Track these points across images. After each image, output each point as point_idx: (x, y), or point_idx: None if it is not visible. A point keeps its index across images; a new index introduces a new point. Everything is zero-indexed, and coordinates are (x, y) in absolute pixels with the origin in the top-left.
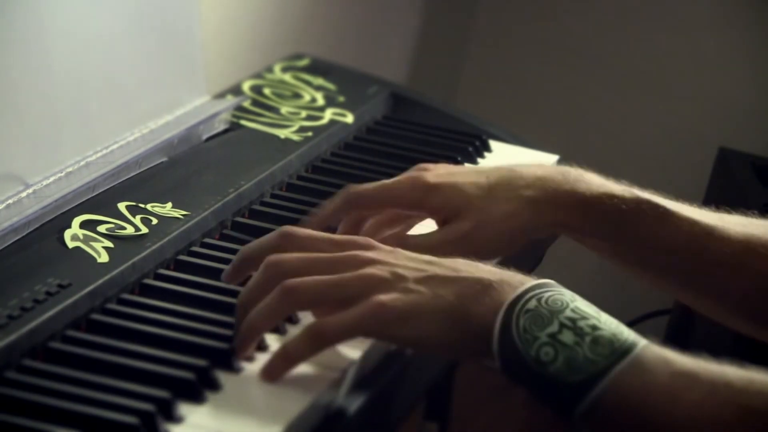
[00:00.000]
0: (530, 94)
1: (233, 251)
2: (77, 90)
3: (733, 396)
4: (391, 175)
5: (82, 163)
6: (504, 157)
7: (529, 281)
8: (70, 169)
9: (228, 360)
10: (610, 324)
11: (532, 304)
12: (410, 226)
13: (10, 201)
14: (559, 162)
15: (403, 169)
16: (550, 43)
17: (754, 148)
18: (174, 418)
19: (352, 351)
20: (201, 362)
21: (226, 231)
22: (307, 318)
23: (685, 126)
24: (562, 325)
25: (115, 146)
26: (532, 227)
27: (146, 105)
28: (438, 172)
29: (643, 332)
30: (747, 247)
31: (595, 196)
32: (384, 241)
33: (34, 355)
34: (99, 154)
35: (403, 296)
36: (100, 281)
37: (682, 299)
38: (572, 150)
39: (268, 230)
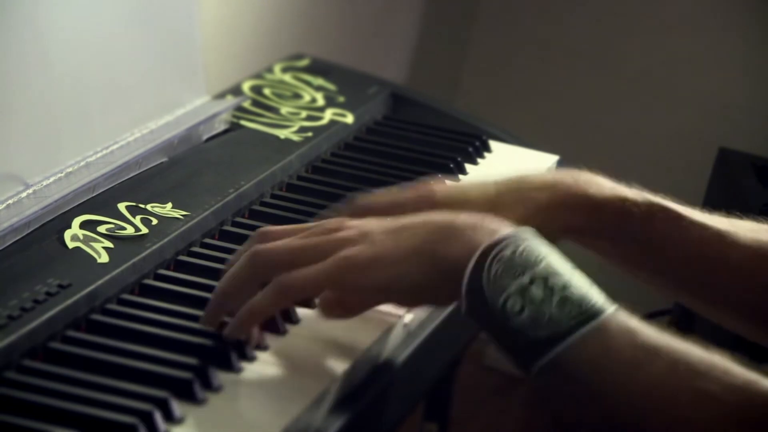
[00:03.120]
0: (530, 94)
1: (233, 251)
2: (77, 90)
3: (692, 378)
4: (391, 175)
5: (82, 163)
6: (504, 157)
7: (507, 228)
8: (70, 170)
9: (228, 360)
10: (581, 285)
11: (507, 252)
12: None
13: (10, 201)
14: (559, 162)
15: (402, 169)
16: (550, 43)
17: (754, 148)
18: (173, 418)
19: (353, 350)
20: (200, 362)
21: (226, 228)
22: (307, 320)
23: (685, 126)
24: (533, 279)
25: (115, 146)
26: (544, 233)
27: (146, 105)
28: (445, 186)
29: None
30: (757, 253)
31: (607, 198)
32: None
33: (34, 356)
34: (99, 155)
35: (367, 247)
36: (100, 281)
37: (689, 304)
38: (572, 150)
39: None
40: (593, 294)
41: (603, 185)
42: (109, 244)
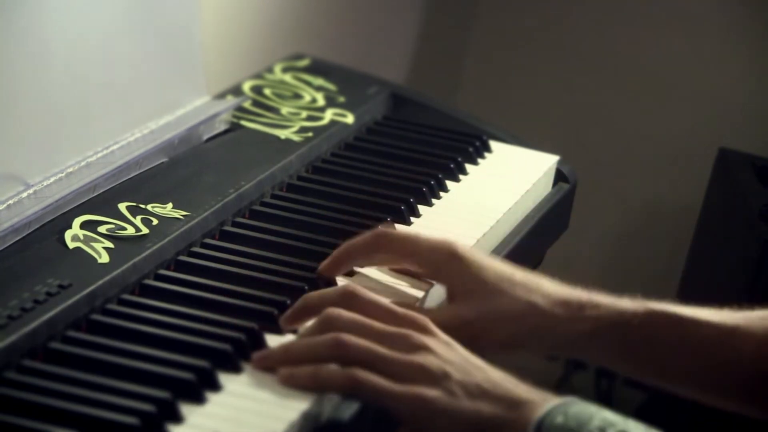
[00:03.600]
0: (530, 94)
1: (233, 251)
2: (77, 90)
3: None
4: (391, 176)
5: (83, 163)
6: (504, 157)
7: (555, 399)
8: (70, 170)
9: (228, 360)
10: (638, 428)
11: (560, 419)
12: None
13: (10, 201)
14: (560, 162)
15: (402, 170)
16: (550, 43)
17: (754, 148)
18: (174, 419)
19: None
20: (201, 363)
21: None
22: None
23: (685, 126)
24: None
25: (115, 147)
26: (546, 340)
27: (146, 105)
28: (466, 248)
29: None
30: None
31: (607, 315)
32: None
33: (34, 356)
34: (99, 155)
35: (444, 396)
36: (101, 282)
37: (699, 399)
38: (572, 150)
39: (269, 230)
40: (652, 431)
41: (601, 306)
42: (110, 244)
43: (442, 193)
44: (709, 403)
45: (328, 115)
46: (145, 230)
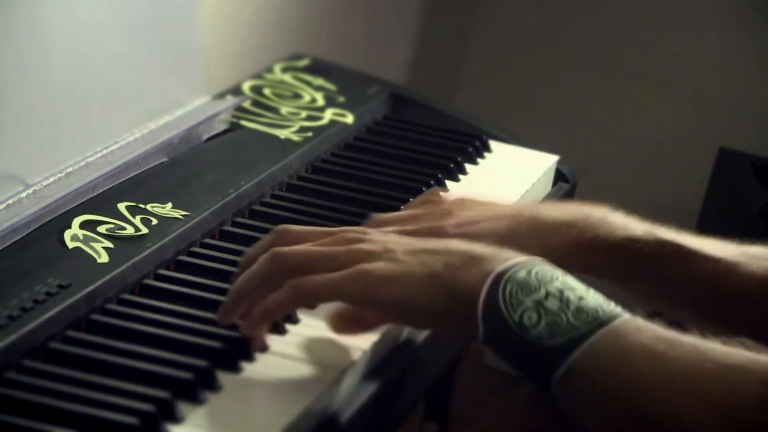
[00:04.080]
0: (530, 94)
1: (233, 251)
2: (77, 90)
3: (717, 358)
4: (391, 176)
5: (82, 163)
6: (504, 157)
7: (521, 256)
8: (70, 170)
9: (228, 360)
10: (597, 297)
11: (522, 273)
12: None
13: (10, 201)
14: (560, 162)
15: (402, 170)
16: (550, 43)
17: (754, 148)
18: (174, 419)
19: (352, 351)
20: (201, 363)
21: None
22: (306, 319)
23: (685, 126)
24: (548, 293)
25: (115, 146)
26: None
27: (146, 105)
28: (459, 221)
29: None
30: None
31: (617, 241)
32: None
33: (34, 356)
34: (99, 155)
35: (388, 264)
36: (100, 281)
37: (704, 329)
38: (572, 150)
39: (269, 230)
40: (610, 304)
41: (614, 226)
42: (109, 244)
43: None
44: (719, 333)
45: (328, 115)
46: (144, 230)
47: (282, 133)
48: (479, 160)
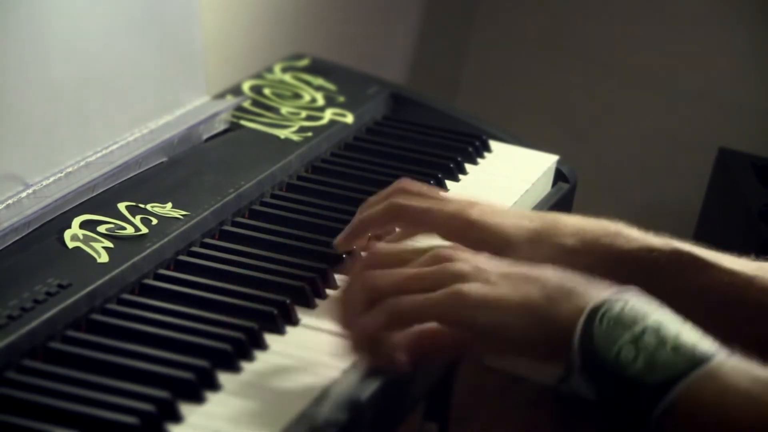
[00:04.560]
0: (530, 94)
1: (233, 251)
2: (77, 90)
3: None
4: (391, 176)
5: (82, 163)
6: (504, 157)
7: (613, 289)
8: (70, 169)
9: (228, 360)
10: (694, 333)
11: (617, 307)
12: None
13: (10, 201)
14: (559, 162)
15: (403, 170)
16: (550, 43)
17: (754, 148)
18: (174, 419)
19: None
20: (201, 362)
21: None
22: (307, 319)
23: (685, 126)
24: (644, 329)
25: (115, 146)
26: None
27: (146, 105)
28: (482, 209)
29: None
30: None
31: (634, 249)
32: None
33: (34, 356)
34: (99, 154)
35: (484, 286)
36: (100, 281)
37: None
38: (572, 150)
39: (269, 230)
40: (707, 340)
41: (631, 236)
42: (109, 244)
43: None
44: (731, 346)
45: (328, 114)
46: (144, 230)
47: (282, 133)
48: (479, 160)
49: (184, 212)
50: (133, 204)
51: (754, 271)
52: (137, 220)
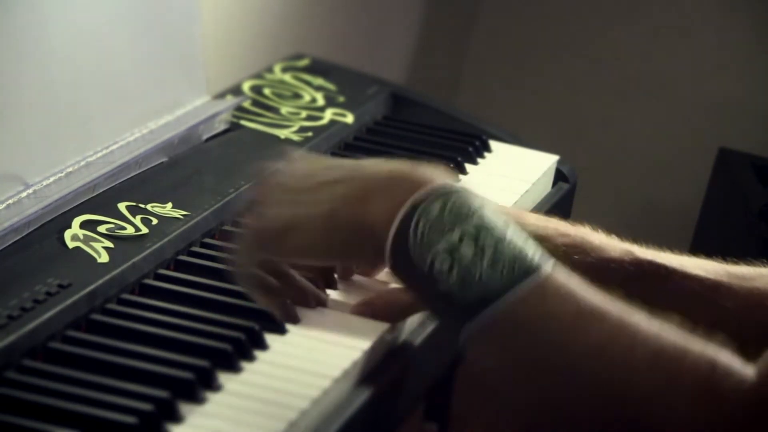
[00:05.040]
0: (530, 94)
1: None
2: (77, 90)
3: (637, 343)
4: None
5: (82, 163)
6: (504, 157)
7: (438, 178)
8: (70, 169)
9: (228, 360)
10: (515, 241)
11: (436, 207)
12: None
13: (10, 201)
14: (560, 162)
15: None
16: (550, 43)
17: (754, 148)
18: (174, 418)
19: (352, 351)
20: (201, 362)
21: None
22: (307, 319)
23: (685, 126)
24: (462, 236)
25: (115, 146)
26: None
27: (146, 105)
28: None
29: None
30: (749, 303)
31: (594, 262)
32: None
33: (34, 356)
34: (99, 154)
35: (282, 210)
36: (100, 281)
37: None
38: (572, 150)
39: None
40: (528, 251)
41: (588, 248)
42: (109, 244)
43: None
44: None
45: (328, 114)
46: (144, 230)
47: (282, 133)
48: (479, 160)
49: (184, 212)
50: (134, 204)
51: (720, 276)
52: (137, 220)
